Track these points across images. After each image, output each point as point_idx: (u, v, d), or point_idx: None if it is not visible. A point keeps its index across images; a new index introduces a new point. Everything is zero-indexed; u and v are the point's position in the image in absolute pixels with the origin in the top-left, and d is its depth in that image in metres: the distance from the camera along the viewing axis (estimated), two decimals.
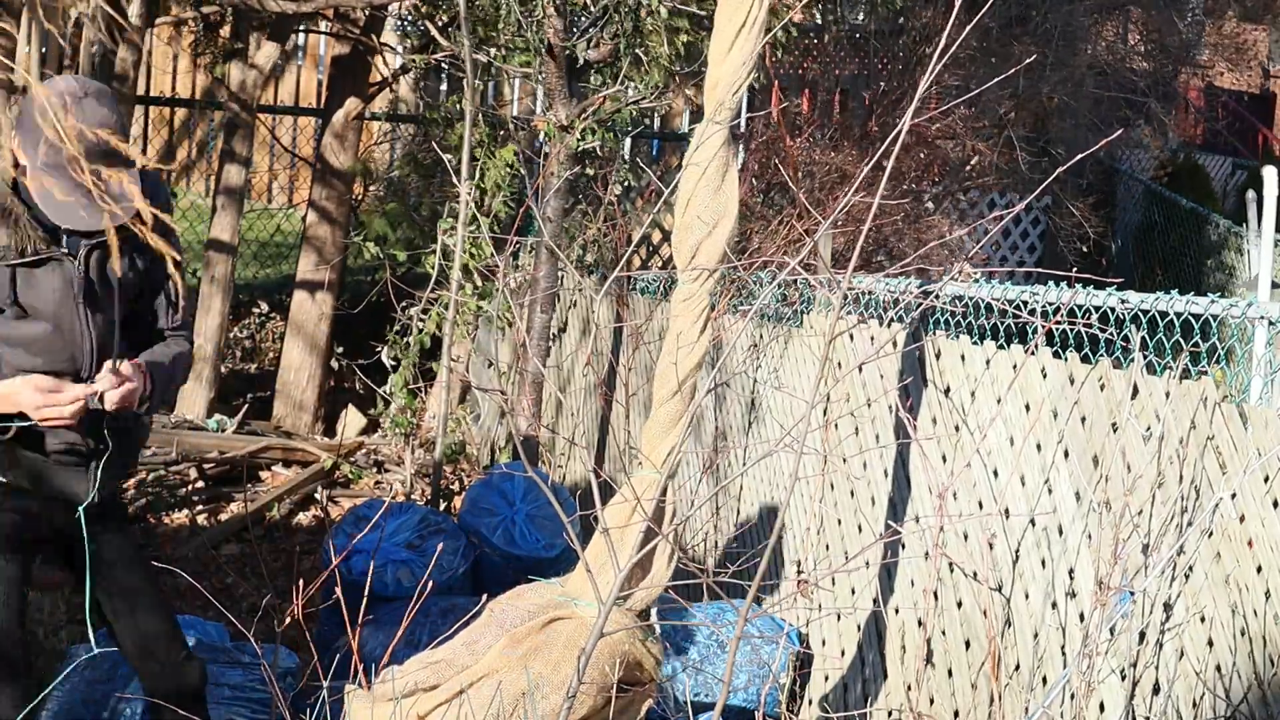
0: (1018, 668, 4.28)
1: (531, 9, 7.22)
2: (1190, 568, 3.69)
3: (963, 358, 4.69)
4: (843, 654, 5.26)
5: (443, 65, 9.74)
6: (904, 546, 4.89)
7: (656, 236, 10.43)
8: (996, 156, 12.06)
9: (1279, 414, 3.51)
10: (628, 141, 9.72)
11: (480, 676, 3.81)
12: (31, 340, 3.66)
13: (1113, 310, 4.22)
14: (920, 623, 4.70)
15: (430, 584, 5.49)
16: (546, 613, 3.93)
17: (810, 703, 5.37)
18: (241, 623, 3.99)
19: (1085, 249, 12.92)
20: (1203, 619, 3.66)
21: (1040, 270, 3.77)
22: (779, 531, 4.43)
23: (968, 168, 11.81)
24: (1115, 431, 3.94)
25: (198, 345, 9.10)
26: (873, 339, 5.21)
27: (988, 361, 4.54)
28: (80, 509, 3.78)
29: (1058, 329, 4.02)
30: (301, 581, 5.76)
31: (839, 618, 5.27)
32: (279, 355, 9.87)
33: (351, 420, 9.49)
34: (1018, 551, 4.33)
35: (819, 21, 11.92)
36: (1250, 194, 9.99)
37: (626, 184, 8.75)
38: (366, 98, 9.78)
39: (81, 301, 3.65)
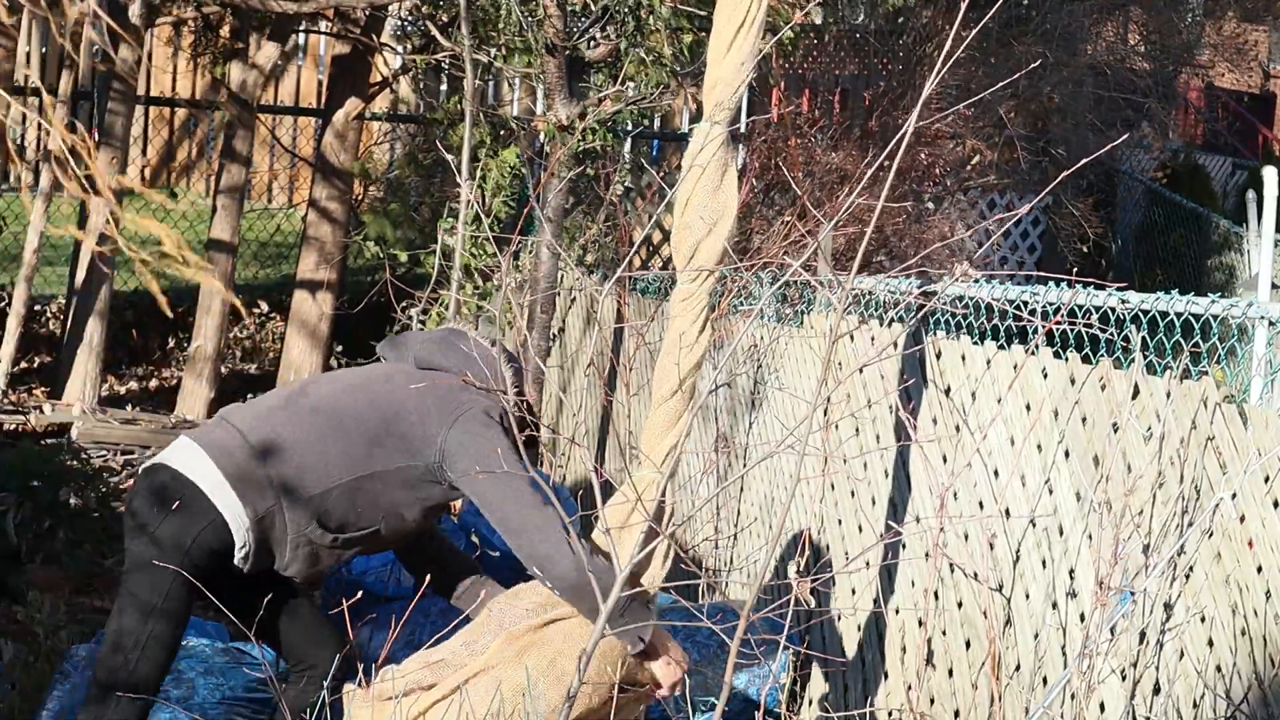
0: (1018, 668, 4.28)
1: (532, 9, 7.22)
2: (1190, 568, 3.69)
3: (963, 358, 4.69)
4: (843, 654, 5.26)
5: (443, 65, 9.73)
6: (904, 547, 4.89)
7: (657, 236, 10.43)
8: (996, 156, 12.06)
9: (1279, 414, 3.51)
10: (628, 141, 9.71)
11: (476, 672, 3.81)
12: None
13: (1113, 310, 4.22)
14: (920, 623, 4.70)
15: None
16: (546, 611, 3.93)
17: (810, 703, 5.37)
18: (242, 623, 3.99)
19: (1085, 249, 12.91)
20: (1203, 619, 3.65)
21: (1041, 271, 3.77)
22: (779, 531, 4.43)
23: (968, 168, 11.81)
24: (1116, 432, 3.94)
25: (198, 345, 9.11)
26: (874, 340, 5.21)
27: (988, 362, 4.54)
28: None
29: (1058, 329, 4.02)
30: None
31: (839, 618, 5.27)
32: (279, 355, 9.86)
33: None
34: (1018, 552, 4.33)
35: (819, 21, 11.91)
36: (1250, 194, 9.98)
37: (627, 184, 8.75)
38: (367, 98, 9.77)
39: None
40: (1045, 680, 4.15)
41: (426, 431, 3.91)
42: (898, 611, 4.91)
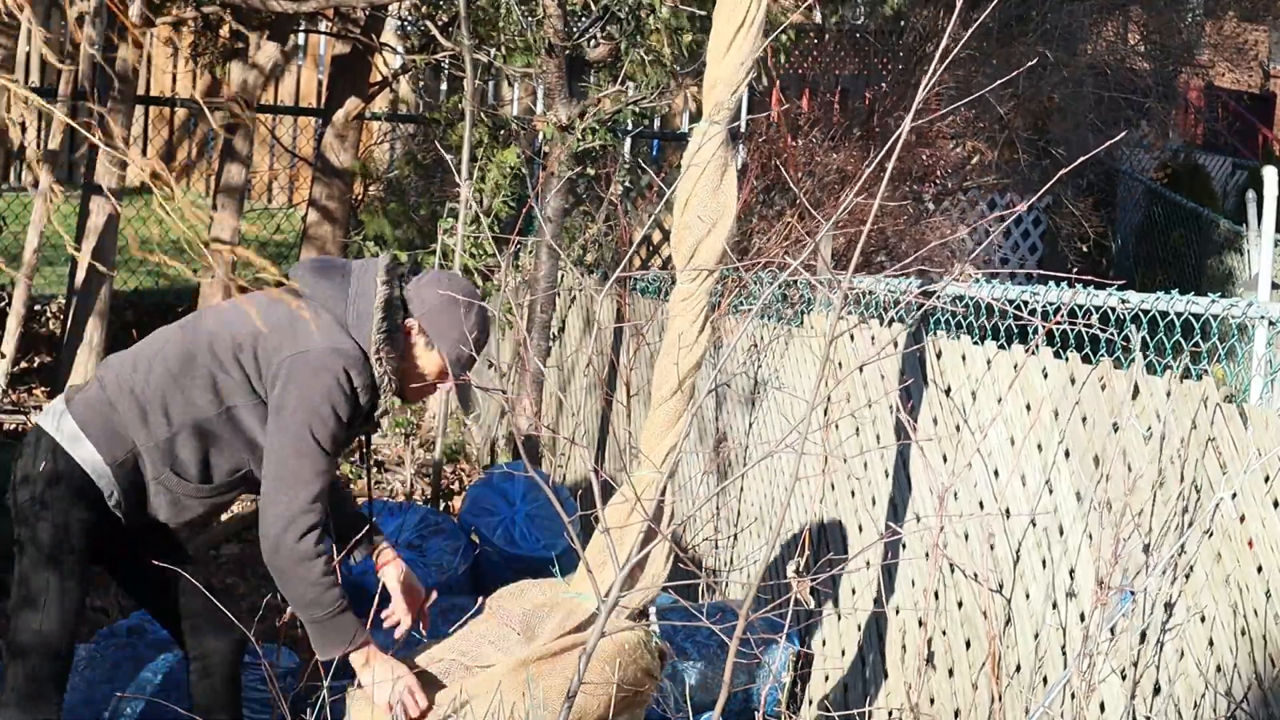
0: (1018, 668, 4.28)
1: (532, 8, 7.22)
2: (1190, 568, 3.69)
3: (963, 358, 4.69)
4: (843, 654, 5.26)
5: (443, 65, 9.73)
6: (904, 546, 4.89)
7: (657, 236, 10.43)
8: (996, 156, 12.06)
9: (1279, 414, 3.51)
10: (628, 141, 9.71)
11: (480, 691, 3.80)
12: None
13: (1113, 310, 4.22)
14: (921, 623, 4.70)
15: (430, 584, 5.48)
16: (548, 609, 3.93)
17: (810, 703, 5.37)
18: (242, 623, 3.98)
19: (1085, 249, 12.91)
20: (1203, 619, 3.66)
21: (1041, 271, 3.77)
22: (779, 531, 4.43)
23: (968, 168, 11.81)
24: (1116, 431, 3.94)
25: None
26: (873, 339, 5.21)
27: (989, 362, 4.54)
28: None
29: (1058, 329, 4.02)
30: None
31: (839, 618, 5.27)
32: None
33: None
34: (1018, 551, 4.33)
35: (819, 21, 11.91)
36: (1250, 194, 9.98)
37: (627, 184, 8.75)
38: (367, 97, 9.77)
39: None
40: (1045, 680, 4.15)
41: (263, 368, 3.85)
42: (898, 611, 4.91)
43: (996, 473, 4.46)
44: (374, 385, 3.86)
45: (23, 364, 9.31)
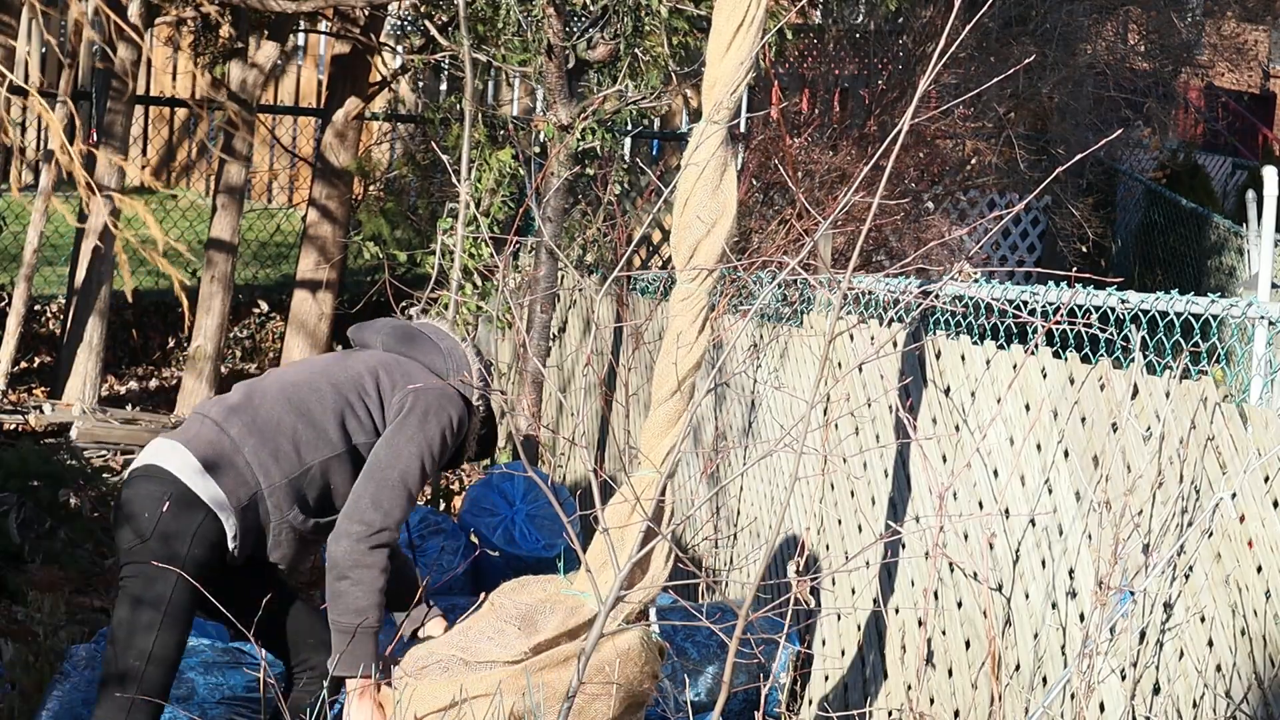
0: (1018, 668, 4.28)
1: (531, 9, 7.22)
2: (1190, 568, 3.69)
3: (963, 358, 4.69)
4: (843, 654, 5.26)
5: (442, 65, 9.73)
6: (904, 546, 4.89)
7: (656, 236, 10.43)
8: (996, 156, 12.06)
9: (1279, 414, 3.51)
10: (627, 141, 9.71)
11: (481, 694, 3.80)
12: None
13: (1113, 310, 4.22)
14: (920, 623, 4.70)
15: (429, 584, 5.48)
16: (549, 605, 3.93)
17: (810, 703, 5.37)
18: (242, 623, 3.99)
19: (1085, 249, 12.91)
20: (1203, 619, 3.66)
21: (1040, 270, 3.77)
22: (779, 531, 4.43)
23: (968, 167, 11.80)
24: (1115, 431, 3.94)
25: (198, 345, 9.12)
26: (873, 339, 5.21)
27: (988, 361, 4.54)
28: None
29: (1058, 329, 4.02)
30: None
31: (839, 618, 5.27)
32: (279, 355, 9.86)
33: None
34: (1018, 551, 4.33)
35: (819, 21, 11.91)
36: (1250, 194, 9.98)
37: (626, 184, 8.75)
38: (366, 97, 9.78)
39: None
40: (1045, 680, 4.15)
41: (386, 409, 4.04)
42: (898, 611, 4.91)
43: (996, 473, 4.46)
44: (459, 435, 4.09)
45: (23, 364, 9.31)
